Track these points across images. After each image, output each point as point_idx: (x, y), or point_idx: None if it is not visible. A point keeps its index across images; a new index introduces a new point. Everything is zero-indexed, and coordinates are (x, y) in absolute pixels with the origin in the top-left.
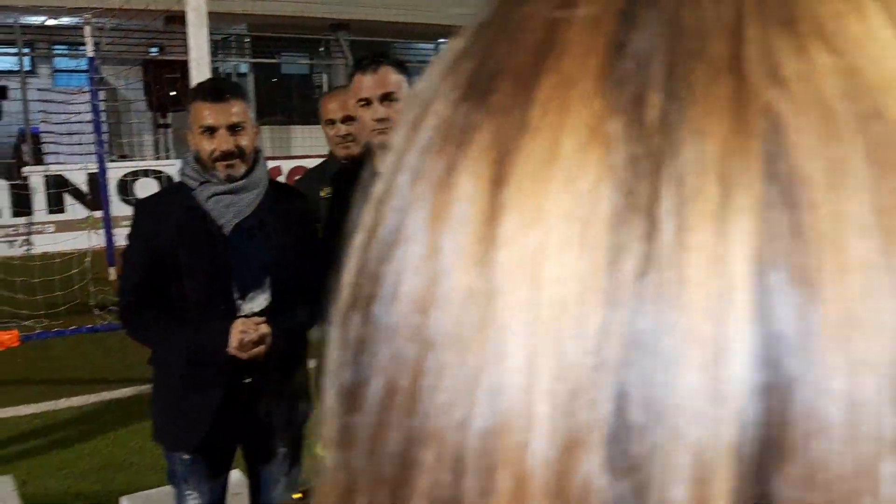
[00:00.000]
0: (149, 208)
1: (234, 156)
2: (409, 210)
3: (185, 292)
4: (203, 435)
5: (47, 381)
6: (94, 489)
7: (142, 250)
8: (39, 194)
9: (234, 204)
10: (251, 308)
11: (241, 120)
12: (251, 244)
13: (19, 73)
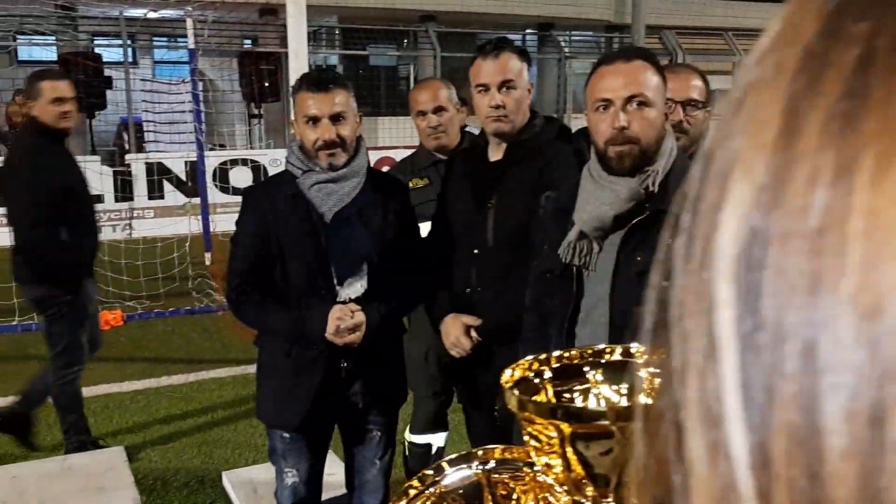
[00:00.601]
0: (255, 196)
1: (336, 145)
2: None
3: (288, 277)
4: (303, 415)
5: (149, 360)
6: (194, 464)
7: (248, 236)
8: (140, 181)
9: (334, 192)
10: (348, 294)
11: (343, 110)
12: (350, 232)
13: (123, 65)
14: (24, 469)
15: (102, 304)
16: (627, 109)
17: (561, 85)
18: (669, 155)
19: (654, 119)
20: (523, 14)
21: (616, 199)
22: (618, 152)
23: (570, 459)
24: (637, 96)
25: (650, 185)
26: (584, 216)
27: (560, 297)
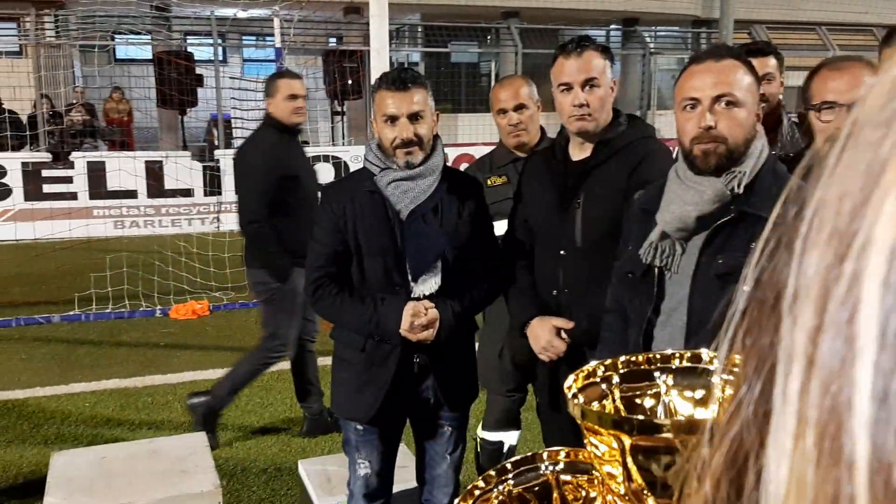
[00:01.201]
0: (333, 192)
1: (413, 143)
2: None
3: (364, 272)
4: (375, 408)
5: (233, 349)
6: (272, 451)
7: (326, 232)
8: (228, 175)
9: (410, 190)
10: (422, 291)
11: (421, 109)
12: (426, 229)
13: (213, 63)
14: (113, 451)
15: (190, 295)
16: (715, 109)
17: (645, 81)
18: (759, 156)
19: (743, 119)
20: (607, 9)
21: (700, 200)
22: (703, 150)
23: (631, 470)
24: (725, 96)
25: (735, 186)
26: (667, 216)
27: (640, 299)
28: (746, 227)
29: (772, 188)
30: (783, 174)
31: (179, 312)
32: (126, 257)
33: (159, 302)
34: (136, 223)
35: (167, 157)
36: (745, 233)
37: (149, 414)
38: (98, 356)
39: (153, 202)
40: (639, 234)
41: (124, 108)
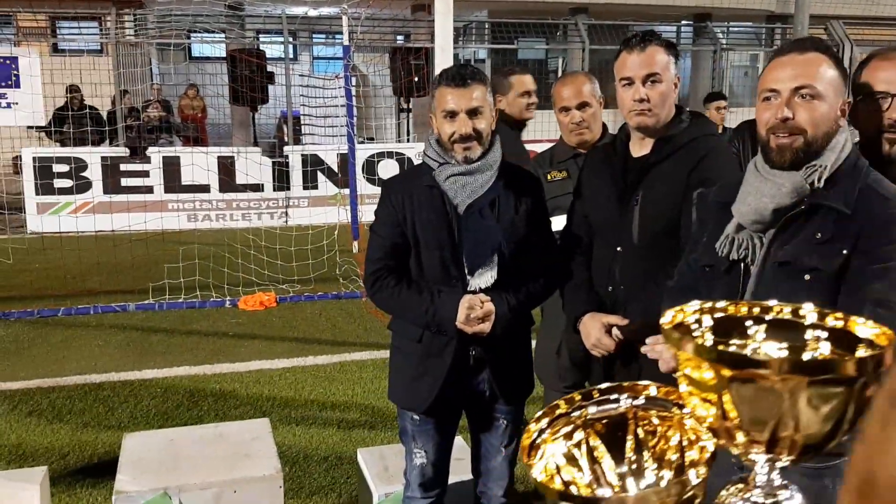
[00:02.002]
0: (394, 186)
1: (472, 139)
2: None
3: (421, 265)
4: (431, 398)
5: (297, 340)
6: (333, 440)
7: (386, 225)
8: (296, 171)
9: (468, 185)
10: (478, 284)
11: (479, 105)
12: (482, 223)
13: (284, 60)
14: (180, 433)
15: (258, 286)
16: (794, 101)
17: (716, 77)
18: (841, 150)
19: (824, 112)
20: (678, 4)
21: (778, 193)
22: (779, 144)
23: (726, 406)
24: (805, 88)
25: (816, 180)
26: (744, 209)
27: (722, 292)
28: (817, 219)
29: (849, 182)
30: (863, 168)
31: (248, 303)
32: (198, 249)
33: (229, 293)
34: (209, 216)
35: (238, 152)
36: (814, 225)
37: (217, 401)
38: (170, 344)
39: (225, 196)
40: (715, 228)
41: (198, 105)
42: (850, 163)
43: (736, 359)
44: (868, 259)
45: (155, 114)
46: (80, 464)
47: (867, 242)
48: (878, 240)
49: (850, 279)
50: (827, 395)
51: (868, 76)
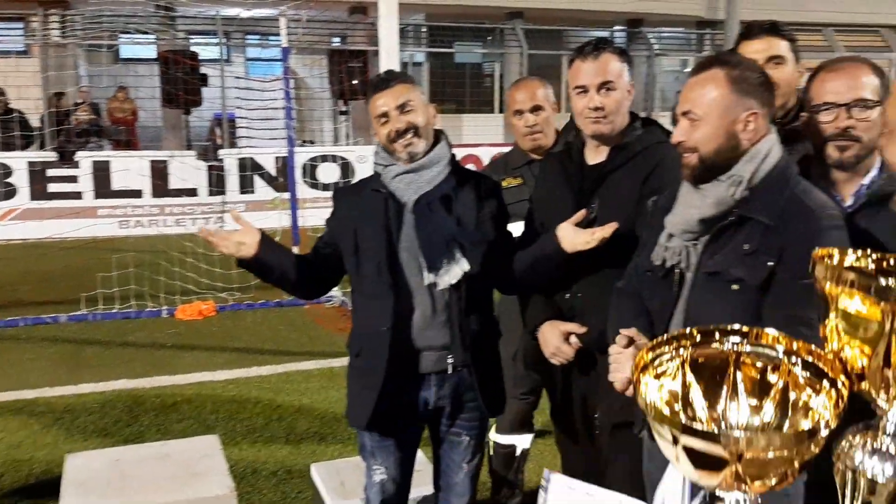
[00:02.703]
0: (342, 197)
1: (409, 132)
2: None
3: (359, 269)
4: (368, 415)
5: (239, 350)
6: (282, 453)
7: (328, 233)
8: (233, 175)
9: (414, 181)
10: (448, 281)
11: (407, 99)
12: (432, 217)
13: (218, 62)
14: (126, 453)
15: (196, 295)
16: (683, 123)
17: (650, 83)
18: (763, 160)
19: (708, 132)
20: (612, 10)
21: (703, 204)
22: (682, 162)
23: (892, 351)
24: (689, 112)
25: (735, 191)
26: (673, 219)
27: (660, 297)
28: (746, 230)
29: (775, 192)
30: (791, 177)
31: (186, 313)
32: (132, 257)
33: (165, 302)
34: (141, 223)
35: (172, 156)
36: (742, 236)
37: (157, 415)
38: (105, 357)
39: (158, 202)
40: (656, 233)
41: (129, 108)
42: (777, 171)
43: None
44: (792, 273)
45: (84, 117)
46: (16, 485)
47: (791, 256)
48: (803, 254)
49: (774, 293)
50: None
51: (815, 88)
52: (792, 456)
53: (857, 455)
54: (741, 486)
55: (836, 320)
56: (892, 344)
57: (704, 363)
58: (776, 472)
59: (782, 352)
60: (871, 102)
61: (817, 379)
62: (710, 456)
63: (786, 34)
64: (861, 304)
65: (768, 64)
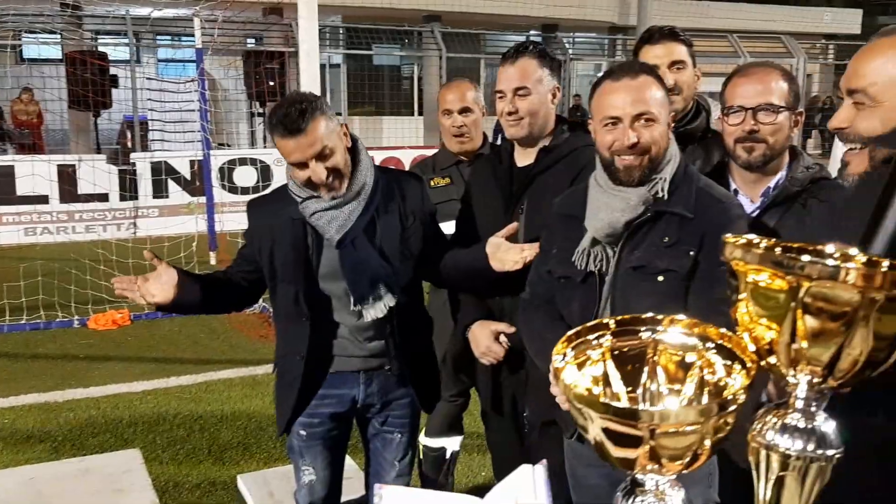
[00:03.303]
0: (257, 213)
1: (330, 177)
2: None
3: (276, 297)
4: (289, 416)
5: (157, 360)
6: (205, 465)
7: (247, 246)
8: (146, 180)
9: (335, 218)
10: (374, 315)
11: (325, 144)
12: (357, 255)
13: (128, 63)
14: (41, 471)
15: (110, 304)
16: (636, 126)
17: (565, 87)
18: (674, 161)
19: (662, 132)
20: (527, 15)
21: (627, 206)
22: (626, 165)
23: (798, 325)
24: (644, 114)
25: (660, 191)
26: (597, 224)
27: (581, 303)
28: (662, 224)
29: (685, 188)
30: (693, 173)
31: (99, 322)
32: (40, 265)
33: (77, 312)
34: (49, 229)
35: (81, 160)
36: (660, 230)
37: (72, 430)
38: (14, 370)
39: (67, 207)
40: (564, 239)
41: (33, 110)
42: (681, 168)
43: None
44: (712, 261)
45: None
46: None
47: (711, 244)
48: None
49: (699, 281)
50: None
51: (728, 92)
52: (704, 433)
53: (770, 433)
54: (657, 466)
55: (746, 298)
56: (798, 318)
57: (625, 352)
58: (690, 451)
59: (697, 337)
60: (777, 107)
61: (730, 361)
62: (628, 437)
63: (684, 39)
64: (769, 279)
65: (670, 68)
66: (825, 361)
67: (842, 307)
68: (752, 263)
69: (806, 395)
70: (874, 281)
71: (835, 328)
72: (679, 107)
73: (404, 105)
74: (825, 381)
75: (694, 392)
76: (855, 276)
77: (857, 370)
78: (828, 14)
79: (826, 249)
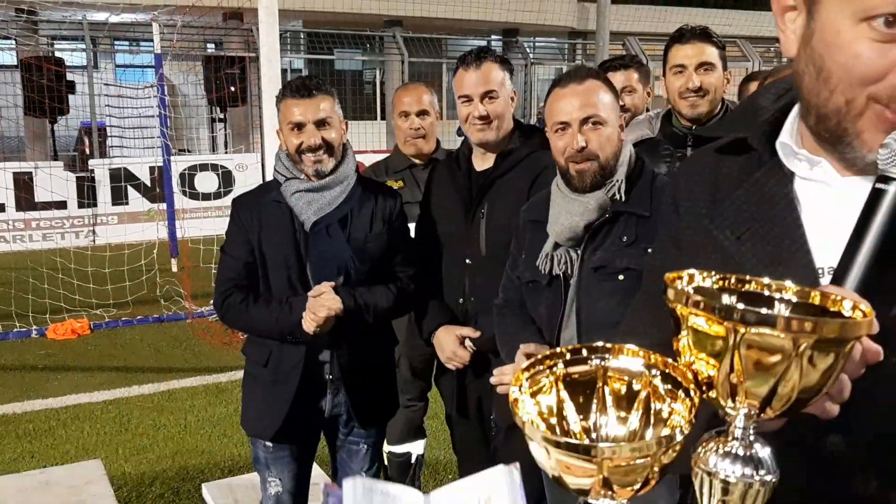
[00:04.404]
0: (243, 204)
1: (321, 149)
2: None
3: (269, 283)
4: (279, 424)
5: (118, 369)
6: (169, 475)
7: (237, 244)
8: (105, 186)
9: (315, 201)
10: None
11: (327, 115)
12: (329, 242)
13: (85, 69)
14: (2, 483)
15: (69, 313)
16: (584, 130)
17: (528, 90)
18: (628, 163)
19: (609, 135)
20: (488, 20)
21: (586, 210)
22: (578, 170)
23: (735, 364)
24: (592, 117)
25: (616, 193)
26: (558, 228)
27: (547, 305)
28: (620, 224)
29: (642, 187)
30: (650, 172)
31: (58, 332)
32: None
33: (35, 321)
34: (5, 238)
35: (37, 167)
36: (618, 230)
37: (31, 442)
38: None
39: (23, 216)
40: (531, 244)
41: None
42: (637, 169)
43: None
44: None
45: None
46: None
47: None
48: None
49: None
50: (826, 354)
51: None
52: (654, 462)
53: (711, 459)
54: (609, 492)
55: (687, 337)
56: (735, 358)
57: (577, 379)
58: (641, 478)
59: (643, 365)
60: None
61: (674, 388)
62: (582, 468)
63: (717, 41)
64: (707, 324)
65: (698, 70)
66: (762, 395)
67: (776, 351)
68: (692, 308)
69: (744, 424)
70: (805, 328)
71: (770, 367)
72: (704, 109)
73: (367, 109)
74: (762, 412)
75: (641, 422)
76: (788, 324)
77: (793, 403)
78: None
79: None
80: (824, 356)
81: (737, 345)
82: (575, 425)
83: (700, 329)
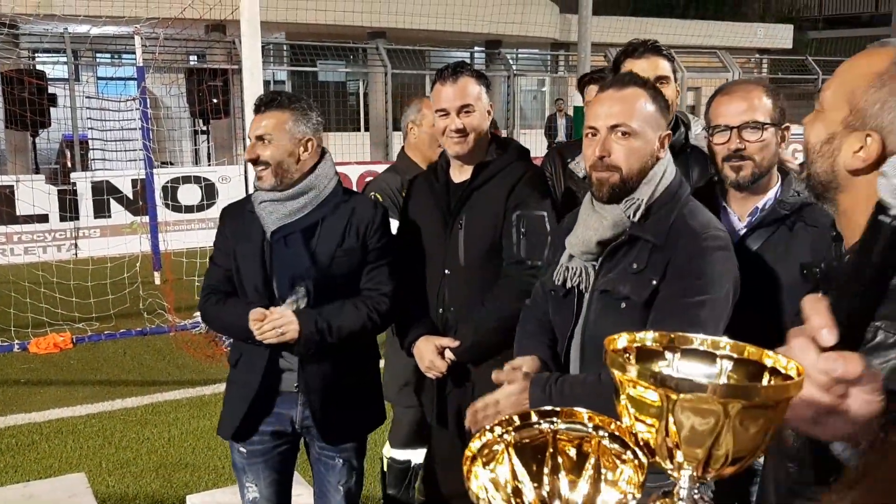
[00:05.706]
0: (227, 213)
1: (257, 164)
2: None
3: (245, 291)
4: (236, 424)
5: (101, 383)
6: (153, 488)
7: (222, 253)
8: (87, 199)
9: (275, 211)
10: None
11: (266, 132)
12: (286, 252)
13: (67, 82)
14: None
15: (51, 327)
16: (610, 138)
17: (510, 101)
18: (658, 182)
19: (638, 148)
20: (471, 31)
21: (601, 226)
22: (598, 178)
23: (670, 426)
24: (620, 126)
25: (632, 213)
26: (573, 240)
27: (562, 316)
28: (635, 250)
29: (663, 214)
30: (681, 197)
31: (40, 346)
32: None
33: (16, 336)
34: None
35: (19, 181)
36: (632, 255)
37: (14, 456)
38: None
39: (5, 229)
40: (559, 254)
41: None
42: (669, 193)
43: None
44: (672, 292)
45: None
46: None
47: (673, 274)
48: (683, 274)
49: (656, 310)
50: (757, 417)
51: (712, 112)
52: None
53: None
54: None
55: (626, 401)
56: (670, 423)
57: (528, 444)
58: None
59: (591, 427)
60: (762, 124)
61: (622, 449)
62: None
63: (667, 54)
64: (644, 391)
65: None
66: (699, 458)
67: (708, 415)
68: (629, 376)
69: (689, 485)
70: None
71: (704, 431)
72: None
73: (350, 121)
74: (704, 473)
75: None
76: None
77: (729, 464)
78: (761, 29)
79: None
80: (755, 419)
81: (671, 410)
82: (529, 493)
83: (636, 396)
